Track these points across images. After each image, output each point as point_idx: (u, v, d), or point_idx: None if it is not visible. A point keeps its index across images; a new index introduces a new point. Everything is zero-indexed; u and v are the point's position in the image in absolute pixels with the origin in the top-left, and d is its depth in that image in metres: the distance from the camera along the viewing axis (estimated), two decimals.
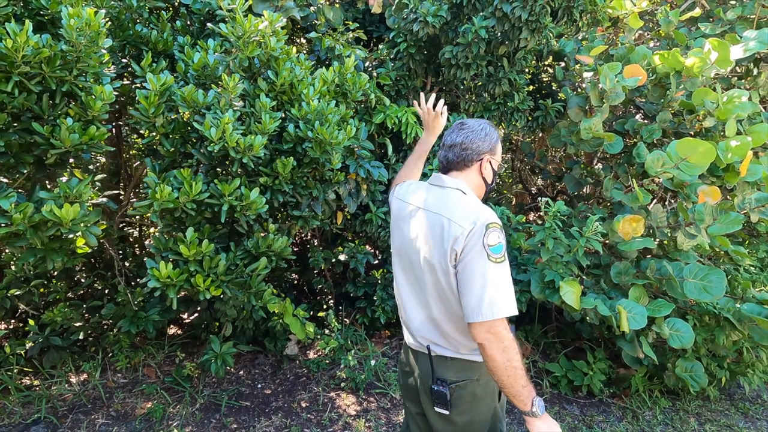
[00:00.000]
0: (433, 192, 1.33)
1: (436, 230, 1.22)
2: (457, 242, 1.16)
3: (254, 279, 2.13)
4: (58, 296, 2.65)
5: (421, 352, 1.35)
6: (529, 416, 1.16)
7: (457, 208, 1.23)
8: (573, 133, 2.79)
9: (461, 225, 1.17)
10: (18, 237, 1.69)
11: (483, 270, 1.13)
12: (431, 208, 1.28)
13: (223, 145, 1.88)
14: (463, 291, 1.16)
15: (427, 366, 1.32)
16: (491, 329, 1.12)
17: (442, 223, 1.21)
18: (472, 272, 1.14)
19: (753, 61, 3.21)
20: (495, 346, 1.12)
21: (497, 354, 1.12)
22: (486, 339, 1.12)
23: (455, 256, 1.17)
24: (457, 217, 1.20)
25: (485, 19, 2.55)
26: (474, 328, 1.14)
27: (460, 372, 1.29)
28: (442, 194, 1.29)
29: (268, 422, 2.42)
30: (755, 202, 2.37)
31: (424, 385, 1.35)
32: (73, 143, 1.70)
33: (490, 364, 1.14)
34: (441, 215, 1.23)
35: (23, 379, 2.57)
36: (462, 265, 1.16)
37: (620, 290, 2.55)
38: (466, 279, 1.15)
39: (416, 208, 1.33)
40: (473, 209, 1.21)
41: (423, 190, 1.37)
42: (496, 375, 1.15)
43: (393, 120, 2.63)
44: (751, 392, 2.84)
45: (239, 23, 1.99)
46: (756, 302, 2.41)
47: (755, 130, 2.51)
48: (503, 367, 1.13)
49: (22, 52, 1.56)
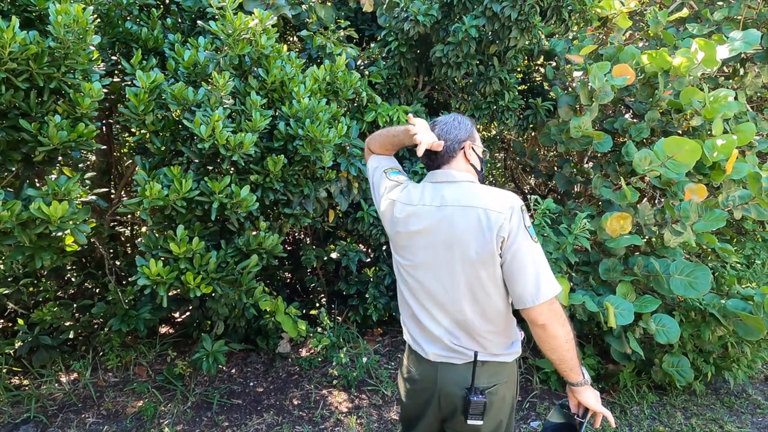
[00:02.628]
0: (446, 188, 1.26)
1: (473, 223, 1.18)
2: (502, 229, 1.15)
3: (245, 276, 2.14)
4: (47, 295, 2.63)
5: (447, 363, 1.26)
6: (581, 385, 1.20)
7: (486, 197, 1.20)
8: (563, 131, 2.82)
9: (500, 212, 1.16)
10: (6, 235, 1.68)
11: (531, 252, 1.15)
12: (458, 202, 1.22)
13: (214, 143, 1.88)
14: (517, 277, 1.15)
15: (459, 376, 1.24)
16: (551, 307, 1.15)
17: (478, 215, 1.18)
18: (523, 257, 1.15)
19: (739, 62, 3.26)
20: (557, 322, 1.15)
21: (559, 329, 1.15)
22: (549, 318, 1.14)
23: (501, 243, 1.15)
24: (492, 205, 1.18)
25: (476, 18, 2.57)
26: (534, 312, 1.14)
27: (491, 376, 1.25)
28: (459, 188, 1.25)
29: (260, 420, 2.43)
30: (739, 200, 2.41)
31: (448, 399, 1.26)
32: (61, 140, 1.69)
33: (552, 343, 1.16)
34: (474, 207, 1.19)
35: (12, 378, 2.55)
36: (510, 252, 1.15)
37: (608, 287, 2.58)
38: (518, 264, 1.15)
39: (437, 207, 1.24)
40: (501, 194, 1.21)
41: (430, 189, 1.29)
42: (558, 352, 1.17)
43: (384, 118, 2.64)
44: (736, 387, 2.89)
45: (230, 21, 1.99)
46: (741, 298, 2.45)
47: (741, 129, 2.56)
48: (564, 341, 1.16)
49: (8, 49, 1.55)
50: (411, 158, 3.05)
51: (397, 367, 2.94)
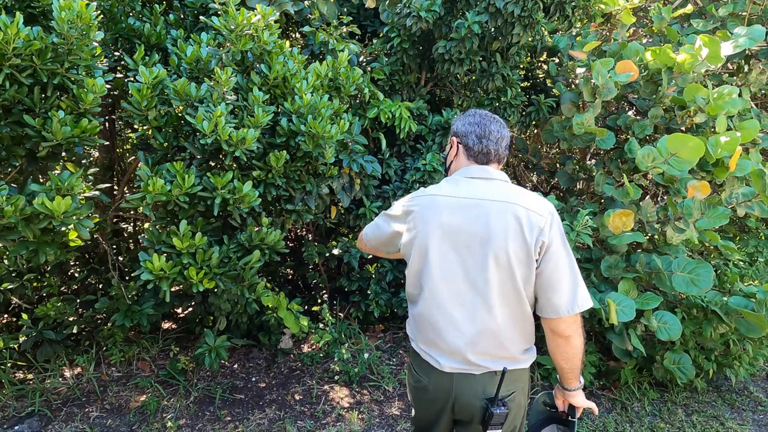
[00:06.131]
0: (481, 184, 1.17)
1: (511, 221, 1.10)
2: (542, 233, 1.10)
3: (247, 272, 2.14)
4: (51, 290, 2.65)
5: (468, 374, 1.19)
6: (575, 390, 1.21)
7: (526, 197, 1.14)
8: (566, 128, 2.81)
9: (541, 215, 1.11)
10: (10, 230, 1.69)
11: (568, 260, 1.13)
12: (496, 197, 1.13)
13: (216, 139, 1.89)
14: (556, 286, 1.11)
15: (478, 387, 1.18)
16: (577, 319, 1.15)
17: (517, 213, 1.10)
18: (561, 264, 1.11)
19: (744, 58, 3.24)
20: (578, 333, 1.15)
21: (579, 341, 1.16)
22: (574, 330, 1.14)
23: (540, 247, 1.10)
24: (533, 206, 1.12)
25: (478, 15, 2.56)
26: (564, 322, 1.13)
27: (510, 384, 1.20)
28: (496, 185, 1.17)
29: (262, 415, 2.44)
30: (742, 197, 2.40)
31: (465, 409, 1.20)
32: (64, 136, 1.70)
33: (570, 353, 1.16)
34: (515, 204, 1.11)
35: (17, 372, 2.57)
36: (547, 258, 1.10)
37: (610, 284, 2.58)
38: (559, 273, 1.11)
39: (470, 200, 1.14)
40: (538, 197, 1.16)
41: (464, 183, 1.19)
42: (572, 361, 1.17)
43: (387, 115, 2.63)
44: (738, 384, 2.89)
45: (232, 16, 1.99)
46: (743, 295, 2.44)
47: (745, 126, 2.54)
48: (580, 351, 1.17)
49: (12, 44, 1.55)
50: (413, 155, 3.05)
51: (398, 364, 2.95)
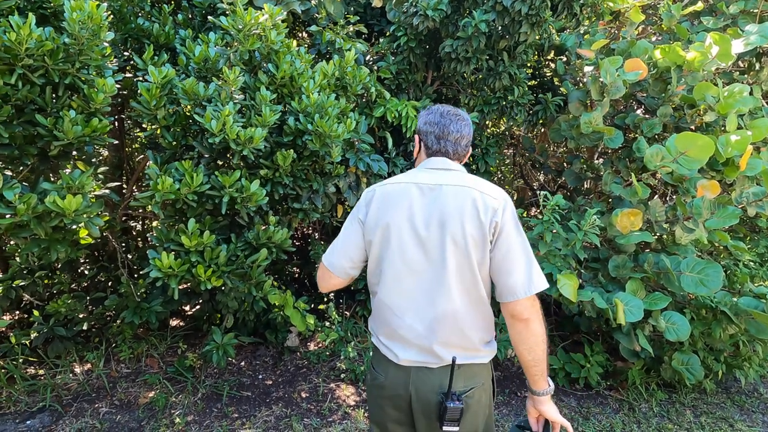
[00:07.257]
0: (440, 173, 1.22)
1: (467, 203, 1.14)
2: (496, 214, 1.13)
3: (255, 270, 2.16)
4: (62, 287, 2.68)
5: (421, 368, 1.18)
6: (544, 395, 1.17)
7: (481, 183, 1.19)
8: (573, 127, 2.79)
9: (495, 197, 1.15)
10: (22, 228, 1.72)
11: (522, 243, 1.15)
12: (453, 182, 1.18)
13: (224, 138, 1.90)
14: (510, 267, 1.12)
15: (435, 381, 1.17)
16: (535, 302, 1.13)
17: (473, 196, 1.15)
18: (515, 246, 1.13)
19: (755, 56, 3.19)
20: (537, 317, 1.13)
21: (539, 326, 1.14)
22: (532, 312, 1.13)
23: (494, 228, 1.13)
24: (487, 190, 1.17)
25: (485, 13, 2.55)
26: (520, 305, 1.12)
27: (468, 380, 1.18)
28: (453, 174, 1.22)
29: (269, 412, 2.46)
30: (752, 196, 2.37)
31: (422, 406, 1.18)
32: (75, 135, 1.72)
33: (532, 341, 1.13)
34: (471, 188, 1.16)
35: (28, 368, 2.62)
36: (501, 240, 1.13)
37: (618, 284, 2.56)
38: (510, 253, 1.13)
39: (430, 185, 1.18)
40: (492, 185, 1.19)
41: (423, 171, 1.23)
42: (535, 351, 1.14)
43: (393, 114, 2.64)
44: (747, 385, 2.85)
45: (240, 16, 2.00)
46: (753, 296, 2.42)
47: (756, 124, 2.51)
48: (542, 340, 1.14)
49: (25, 45, 1.58)
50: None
51: None
